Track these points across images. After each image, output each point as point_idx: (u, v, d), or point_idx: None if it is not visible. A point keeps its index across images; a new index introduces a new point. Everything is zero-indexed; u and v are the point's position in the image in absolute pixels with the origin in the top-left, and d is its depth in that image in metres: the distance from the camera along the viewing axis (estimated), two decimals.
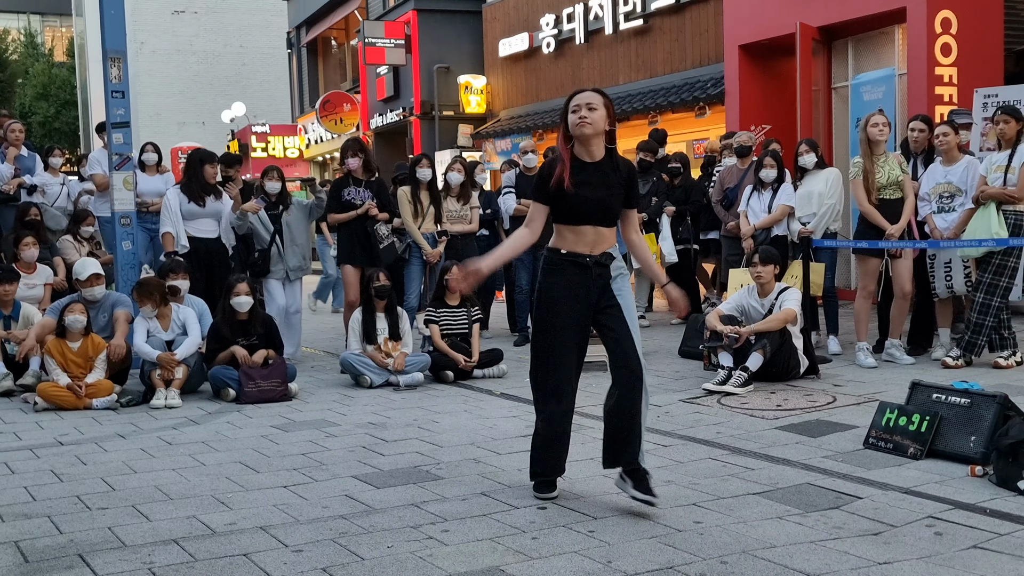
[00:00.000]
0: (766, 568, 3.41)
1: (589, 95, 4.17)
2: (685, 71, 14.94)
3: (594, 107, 4.13)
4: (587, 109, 4.13)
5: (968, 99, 9.87)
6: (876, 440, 4.99)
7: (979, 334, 7.02)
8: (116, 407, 6.77)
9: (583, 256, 4.18)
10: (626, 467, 4.15)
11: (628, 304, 4.22)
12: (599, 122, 4.14)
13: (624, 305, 4.20)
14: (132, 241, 8.45)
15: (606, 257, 4.20)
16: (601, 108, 4.14)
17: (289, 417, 6.37)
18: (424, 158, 9.05)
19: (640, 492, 4.05)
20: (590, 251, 4.18)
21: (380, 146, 22.93)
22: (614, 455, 4.18)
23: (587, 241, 4.18)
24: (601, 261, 4.19)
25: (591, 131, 4.13)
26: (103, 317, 7.31)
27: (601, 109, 4.14)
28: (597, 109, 4.13)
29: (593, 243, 4.18)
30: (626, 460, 4.14)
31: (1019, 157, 6.93)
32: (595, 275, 4.18)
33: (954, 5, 10.34)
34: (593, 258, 4.18)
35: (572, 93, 4.21)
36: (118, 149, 8.38)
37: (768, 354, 6.70)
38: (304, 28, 29.30)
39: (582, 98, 4.16)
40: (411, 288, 8.87)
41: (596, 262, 4.18)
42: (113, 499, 4.49)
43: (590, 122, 4.12)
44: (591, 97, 4.16)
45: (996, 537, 3.66)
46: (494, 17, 20.00)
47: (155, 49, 38.27)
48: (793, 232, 8.11)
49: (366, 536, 3.86)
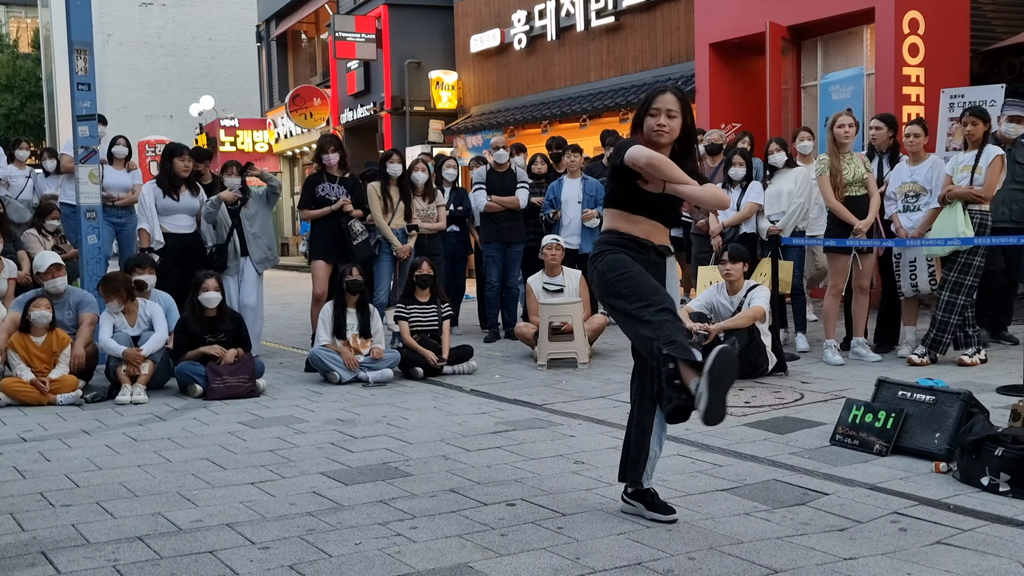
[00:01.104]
0: (733, 564, 3.42)
1: (671, 99, 3.89)
2: (656, 69, 14.99)
3: (674, 114, 3.89)
4: (666, 116, 3.88)
5: (935, 99, 9.97)
6: (843, 437, 5.03)
7: (944, 332, 7.10)
8: (81, 403, 6.70)
9: (641, 239, 3.94)
10: (632, 484, 4.02)
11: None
12: (676, 130, 3.91)
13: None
14: (98, 235, 8.35)
15: (664, 248, 3.98)
16: (680, 116, 3.90)
17: (257, 414, 6.33)
18: (395, 154, 9.02)
19: (657, 512, 3.93)
20: (646, 237, 3.94)
21: (350, 141, 22.78)
22: (623, 468, 4.08)
23: (642, 229, 3.94)
24: (659, 249, 3.96)
25: (667, 140, 3.91)
26: (68, 315, 7.22)
27: (680, 117, 3.90)
28: (676, 117, 3.89)
29: (648, 232, 3.95)
30: (632, 477, 4.02)
31: (986, 158, 7.02)
32: (653, 259, 3.93)
33: (922, 6, 10.44)
34: (651, 243, 3.94)
35: (653, 91, 3.95)
36: (83, 142, 8.28)
37: (737, 351, 6.73)
38: (274, 21, 29.09)
39: (663, 102, 3.89)
40: (380, 284, 8.84)
41: (654, 247, 3.94)
42: (77, 496, 4.44)
43: (667, 131, 3.88)
44: (672, 102, 3.89)
45: (959, 533, 3.70)
46: (466, 13, 19.96)
47: (122, 41, 37.84)
48: (762, 230, 8.16)
49: (334, 533, 3.84)
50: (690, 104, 4.02)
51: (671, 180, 3.84)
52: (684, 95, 3.99)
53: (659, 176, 3.83)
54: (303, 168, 26.81)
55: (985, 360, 7.18)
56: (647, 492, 4.01)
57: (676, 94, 3.92)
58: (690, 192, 3.86)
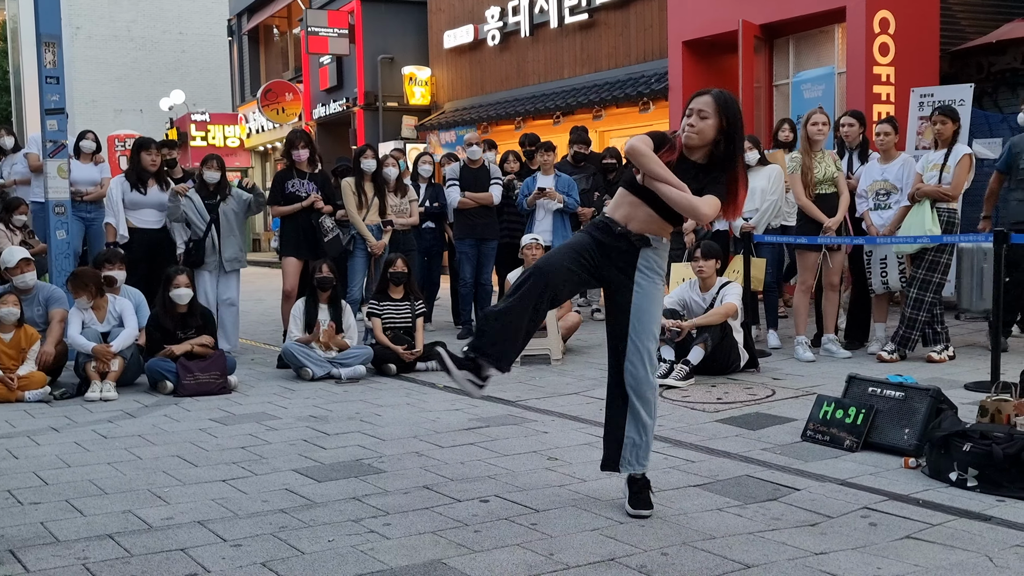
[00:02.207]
0: (706, 559, 3.44)
1: (705, 100, 3.85)
2: (629, 66, 15.03)
3: (706, 115, 3.83)
4: (698, 116, 3.84)
5: (905, 98, 10.07)
6: (813, 433, 5.07)
7: (913, 329, 7.17)
8: (49, 400, 6.62)
9: (614, 222, 3.93)
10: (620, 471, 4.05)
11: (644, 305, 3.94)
12: (707, 132, 3.83)
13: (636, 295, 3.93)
14: (66, 230, 8.27)
15: (640, 239, 3.93)
16: (713, 117, 3.82)
17: (228, 410, 6.29)
18: (368, 149, 8.97)
19: (630, 506, 3.96)
20: (624, 221, 3.91)
21: (323, 137, 22.71)
22: (604, 453, 4.12)
23: (624, 214, 3.91)
24: (631, 237, 3.91)
25: (697, 142, 3.86)
26: (38, 310, 7.14)
27: (713, 118, 3.82)
28: (708, 118, 3.82)
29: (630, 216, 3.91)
30: (611, 463, 4.06)
31: (954, 156, 7.10)
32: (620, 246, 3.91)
33: (892, 6, 10.53)
34: (622, 228, 3.91)
35: (695, 93, 3.90)
36: (52, 136, 8.19)
37: (709, 348, 6.77)
38: (245, 15, 28.89)
39: (697, 102, 3.86)
40: (354, 280, 8.81)
41: (626, 233, 3.90)
42: (46, 494, 4.39)
43: (696, 132, 3.84)
44: (706, 103, 3.84)
45: (928, 527, 3.74)
46: (439, 8, 19.92)
47: (91, 34, 37.43)
48: (735, 227, 8.21)
49: (306, 530, 3.83)
50: (736, 109, 3.86)
51: (650, 174, 3.82)
52: (728, 98, 3.88)
53: (639, 166, 3.84)
54: (275, 164, 26.65)
55: (953, 356, 7.27)
56: (637, 481, 4.01)
57: (716, 96, 3.85)
58: (663, 191, 3.83)
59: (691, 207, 3.83)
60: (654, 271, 3.99)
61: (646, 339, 3.96)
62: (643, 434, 4.02)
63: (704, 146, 3.89)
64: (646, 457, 4.04)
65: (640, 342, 3.96)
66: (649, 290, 3.97)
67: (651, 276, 3.98)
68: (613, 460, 4.07)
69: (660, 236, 3.98)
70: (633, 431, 4.01)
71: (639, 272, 3.95)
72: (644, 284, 3.96)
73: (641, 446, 4.03)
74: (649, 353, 3.97)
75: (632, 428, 4.01)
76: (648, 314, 3.97)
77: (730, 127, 3.85)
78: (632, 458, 4.03)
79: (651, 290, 3.97)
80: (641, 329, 3.95)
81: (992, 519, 3.81)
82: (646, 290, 3.96)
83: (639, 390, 3.99)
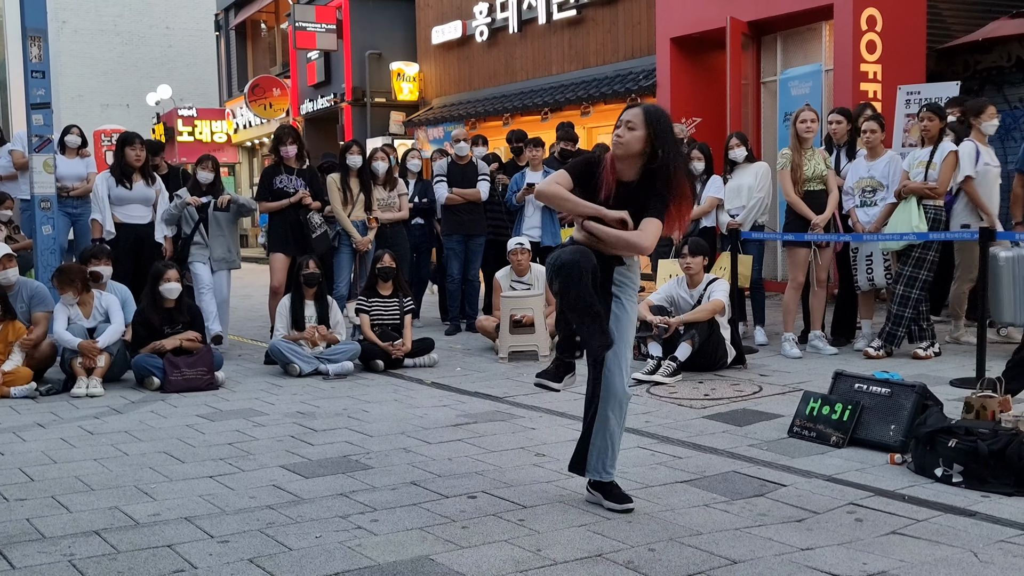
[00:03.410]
0: (692, 555, 3.45)
1: (634, 112, 3.88)
2: (618, 63, 15.03)
3: (633, 126, 3.85)
4: (625, 127, 3.86)
5: (892, 96, 10.10)
6: (800, 429, 5.09)
7: (899, 326, 7.20)
8: (35, 396, 6.60)
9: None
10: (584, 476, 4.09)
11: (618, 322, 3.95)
12: (633, 144, 3.84)
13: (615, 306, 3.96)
14: (52, 225, 8.22)
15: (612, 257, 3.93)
16: (641, 128, 3.83)
17: (215, 406, 6.27)
18: (355, 145, 8.95)
19: (614, 502, 3.97)
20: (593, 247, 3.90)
21: (311, 132, 22.64)
22: (575, 456, 4.15)
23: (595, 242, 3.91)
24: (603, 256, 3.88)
25: (622, 152, 3.87)
26: (21, 307, 7.09)
27: (641, 130, 3.83)
28: (636, 129, 3.84)
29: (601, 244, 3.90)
30: (578, 466, 4.12)
31: (940, 154, 7.13)
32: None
33: (879, 3, 10.56)
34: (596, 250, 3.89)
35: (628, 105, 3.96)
36: (38, 131, 8.14)
37: (696, 344, 6.79)
38: (233, 10, 28.76)
39: (627, 114, 3.89)
40: (340, 276, 8.79)
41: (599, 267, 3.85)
42: (32, 490, 4.38)
43: (622, 142, 3.86)
44: (634, 114, 3.87)
45: (914, 523, 3.76)
46: (427, 4, 19.88)
47: (77, 28, 37.20)
48: (722, 224, 8.23)
49: (294, 526, 3.82)
50: (666, 123, 3.89)
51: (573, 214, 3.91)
52: (658, 112, 3.91)
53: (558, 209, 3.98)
54: (262, 159, 26.58)
55: (939, 353, 7.30)
56: (604, 485, 4.04)
57: (645, 109, 3.89)
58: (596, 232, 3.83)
59: (628, 244, 3.84)
60: (628, 286, 4.04)
61: (623, 349, 3.99)
62: (609, 442, 4.03)
63: (630, 157, 3.89)
64: (612, 465, 4.05)
65: (619, 351, 3.96)
66: (625, 303, 4.02)
67: (626, 290, 4.04)
68: (580, 463, 4.12)
69: (632, 255, 4.02)
70: (600, 438, 4.04)
71: (615, 286, 4.02)
72: (621, 297, 4.02)
73: (607, 453, 4.04)
74: (626, 362, 4.00)
75: (600, 435, 4.04)
76: (624, 326, 4.00)
77: (658, 139, 3.85)
78: (599, 465, 4.05)
79: (627, 303, 4.03)
80: (619, 339, 3.96)
81: (977, 515, 3.84)
82: (623, 303, 4.01)
83: (611, 398, 4.00)
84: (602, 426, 4.03)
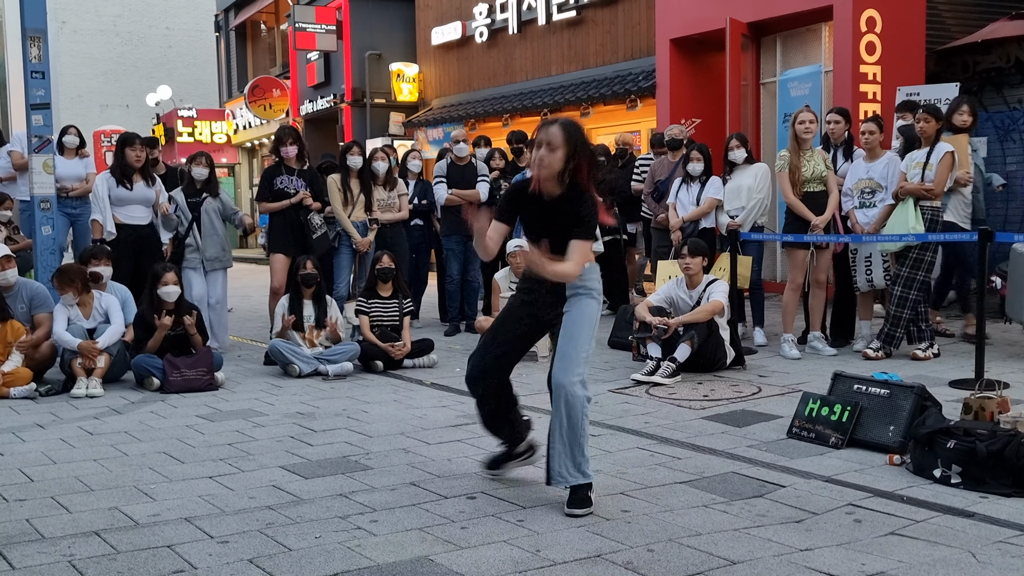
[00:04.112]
0: (691, 555, 3.46)
1: (553, 131, 3.92)
2: (617, 63, 15.05)
3: (555, 147, 3.91)
4: (547, 149, 3.92)
5: (891, 97, 10.11)
6: (799, 430, 5.10)
7: (898, 326, 7.21)
8: (35, 396, 6.60)
9: (532, 281, 4.13)
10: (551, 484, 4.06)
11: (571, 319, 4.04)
12: (556, 164, 3.92)
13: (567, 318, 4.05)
14: (52, 226, 8.23)
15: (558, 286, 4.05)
16: (562, 147, 3.90)
17: (215, 407, 6.28)
18: (355, 146, 8.96)
19: (566, 506, 3.95)
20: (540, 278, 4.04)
21: (310, 133, 22.65)
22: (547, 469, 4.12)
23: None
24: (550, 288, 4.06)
25: (546, 174, 3.96)
26: (21, 307, 7.09)
27: (561, 149, 3.90)
28: (557, 150, 3.90)
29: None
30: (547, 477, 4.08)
31: (937, 154, 7.13)
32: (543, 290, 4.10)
33: (879, 5, 10.58)
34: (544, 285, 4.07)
35: (542, 124, 3.99)
36: (37, 131, 8.14)
37: (696, 345, 6.79)
38: (232, 11, 28.79)
39: (546, 134, 3.93)
40: (340, 277, 8.80)
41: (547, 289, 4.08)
42: (31, 490, 4.38)
43: (546, 165, 3.93)
44: (553, 134, 3.92)
45: (912, 524, 3.77)
46: (427, 5, 19.89)
47: (77, 29, 37.22)
48: (721, 225, 8.24)
49: (293, 527, 3.83)
50: (583, 138, 3.96)
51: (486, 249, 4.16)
52: (575, 127, 3.98)
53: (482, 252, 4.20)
54: (262, 160, 26.59)
55: (938, 354, 7.31)
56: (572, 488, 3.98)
57: (563, 126, 3.95)
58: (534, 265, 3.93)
59: (561, 274, 3.94)
60: (587, 289, 4.07)
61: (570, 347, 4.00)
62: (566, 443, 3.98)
63: (553, 177, 3.97)
64: (577, 467, 3.98)
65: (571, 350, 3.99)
66: (580, 305, 4.05)
67: (585, 292, 4.07)
68: (548, 474, 4.09)
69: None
70: (557, 440, 4.01)
71: (569, 301, 4.08)
72: (577, 301, 4.06)
73: (567, 454, 3.98)
74: (575, 359, 3.98)
75: (556, 437, 4.01)
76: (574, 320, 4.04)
77: (577, 155, 3.93)
78: (561, 469, 3.99)
79: (582, 305, 4.06)
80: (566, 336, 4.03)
81: (975, 515, 3.84)
82: (578, 306, 4.05)
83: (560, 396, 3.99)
84: (557, 425, 4.01)
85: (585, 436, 4.02)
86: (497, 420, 4.44)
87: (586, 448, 4.02)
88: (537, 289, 4.15)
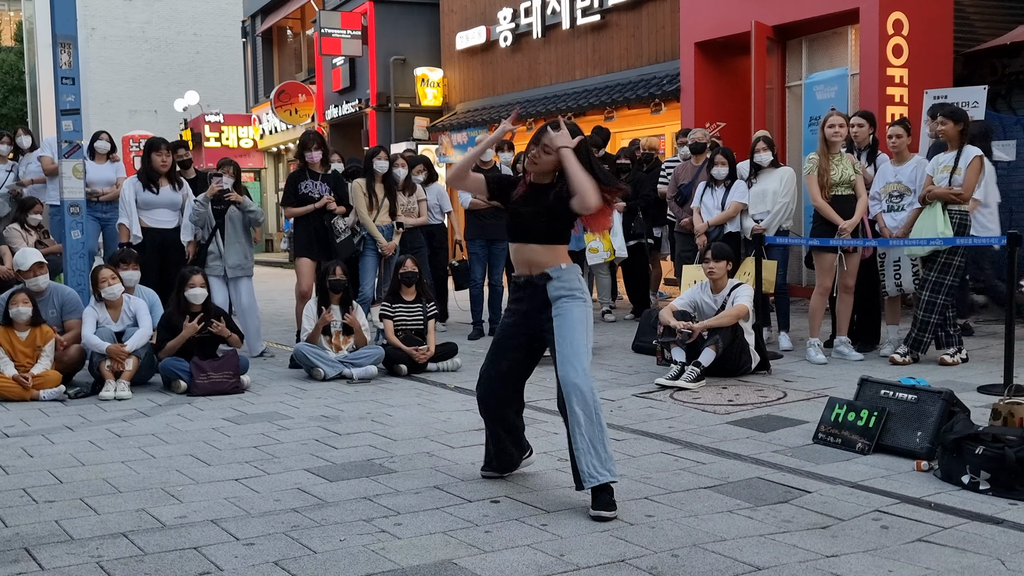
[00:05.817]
0: (716, 561, 3.45)
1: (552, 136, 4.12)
2: (641, 67, 15.01)
3: (551, 151, 4.11)
4: (542, 151, 4.15)
5: (918, 100, 10.03)
6: (825, 435, 5.07)
7: (925, 331, 7.15)
8: (64, 399, 6.67)
9: (518, 276, 4.27)
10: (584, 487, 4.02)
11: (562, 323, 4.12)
12: (546, 166, 4.16)
13: (557, 324, 4.13)
14: (81, 230, 8.32)
15: (541, 277, 4.17)
16: (556, 153, 4.10)
17: (241, 410, 6.32)
18: (381, 150, 9.01)
19: (591, 509, 3.95)
20: (528, 271, 4.21)
21: (335, 138, 22.75)
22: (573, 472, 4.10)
23: (525, 260, 4.21)
24: (533, 281, 4.19)
25: (536, 171, 4.21)
26: (52, 313, 7.17)
27: (556, 154, 4.10)
28: (551, 154, 4.11)
29: (530, 262, 4.20)
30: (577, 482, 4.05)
31: (965, 158, 7.07)
32: (530, 296, 4.21)
33: (906, 7, 10.50)
34: (525, 277, 4.22)
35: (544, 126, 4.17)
36: (67, 136, 8.24)
37: (720, 350, 6.77)
38: (259, 17, 28.97)
39: (545, 137, 4.14)
40: (365, 280, 8.83)
41: (527, 280, 4.21)
42: (60, 492, 4.43)
43: (537, 164, 4.18)
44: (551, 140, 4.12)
45: (940, 531, 3.73)
46: (451, 10, 19.94)
47: (106, 35, 37.58)
48: (746, 229, 8.20)
49: (318, 529, 3.85)
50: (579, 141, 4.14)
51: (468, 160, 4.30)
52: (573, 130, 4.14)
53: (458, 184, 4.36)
54: (288, 164, 26.74)
55: (966, 359, 7.24)
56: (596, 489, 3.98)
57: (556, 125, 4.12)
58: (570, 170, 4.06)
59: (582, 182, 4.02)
60: (569, 291, 4.15)
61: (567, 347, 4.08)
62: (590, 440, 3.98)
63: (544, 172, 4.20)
64: (604, 465, 3.97)
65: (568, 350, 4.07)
66: (568, 308, 4.13)
67: (567, 296, 4.15)
68: (577, 479, 4.06)
69: (558, 264, 4.17)
70: (579, 439, 4.01)
71: (554, 306, 4.15)
72: (562, 305, 4.14)
73: (592, 453, 3.98)
74: (578, 356, 4.07)
75: (577, 436, 4.01)
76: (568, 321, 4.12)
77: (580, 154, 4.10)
78: (591, 469, 3.97)
79: (570, 308, 4.13)
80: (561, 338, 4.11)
81: (1004, 522, 3.80)
82: (563, 311, 4.13)
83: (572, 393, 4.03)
84: (575, 425, 4.02)
85: (604, 430, 4.04)
86: (498, 444, 4.50)
87: (608, 445, 4.03)
88: (523, 297, 4.25)
